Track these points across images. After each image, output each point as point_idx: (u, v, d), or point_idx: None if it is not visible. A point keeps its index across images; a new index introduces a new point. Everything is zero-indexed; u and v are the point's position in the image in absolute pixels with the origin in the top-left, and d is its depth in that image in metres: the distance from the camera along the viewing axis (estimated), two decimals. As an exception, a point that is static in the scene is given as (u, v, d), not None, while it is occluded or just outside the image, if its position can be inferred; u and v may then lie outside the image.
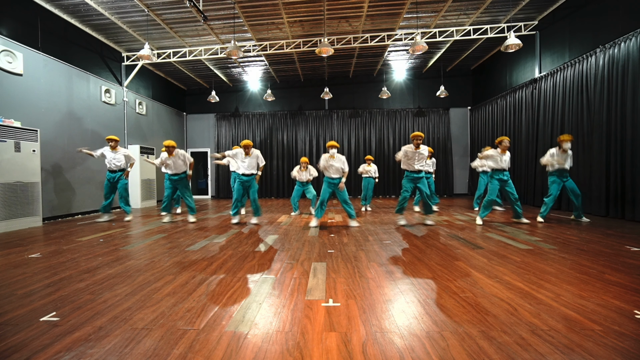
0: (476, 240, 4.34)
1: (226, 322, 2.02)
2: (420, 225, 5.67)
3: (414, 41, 6.66)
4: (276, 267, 3.21)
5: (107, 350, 1.72)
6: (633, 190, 5.58)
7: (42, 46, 6.64)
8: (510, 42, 6.64)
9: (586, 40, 6.72)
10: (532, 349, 1.68)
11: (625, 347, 1.69)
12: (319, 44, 6.85)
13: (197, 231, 5.32)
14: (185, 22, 7.81)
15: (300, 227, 5.60)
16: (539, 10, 7.74)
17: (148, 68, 10.46)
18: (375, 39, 8.65)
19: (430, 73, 11.84)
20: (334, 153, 5.55)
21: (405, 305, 2.26)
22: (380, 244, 4.24)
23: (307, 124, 12.45)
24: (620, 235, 4.50)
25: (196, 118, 12.98)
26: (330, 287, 2.64)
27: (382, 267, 3.19)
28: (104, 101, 8.42)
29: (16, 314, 2.17)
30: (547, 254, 3.55)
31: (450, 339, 1.79)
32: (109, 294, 2.53)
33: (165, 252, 3.86)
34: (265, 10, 7.26)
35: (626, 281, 2.66)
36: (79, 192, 7.47)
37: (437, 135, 12.01)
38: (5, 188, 5.43)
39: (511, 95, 9.28)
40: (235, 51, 6.59)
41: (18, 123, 5.83)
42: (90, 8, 6.92)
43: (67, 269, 3.22)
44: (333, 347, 1.73)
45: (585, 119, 6.64)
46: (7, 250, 4.03)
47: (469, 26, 8.35)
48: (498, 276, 2.84)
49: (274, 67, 11.01)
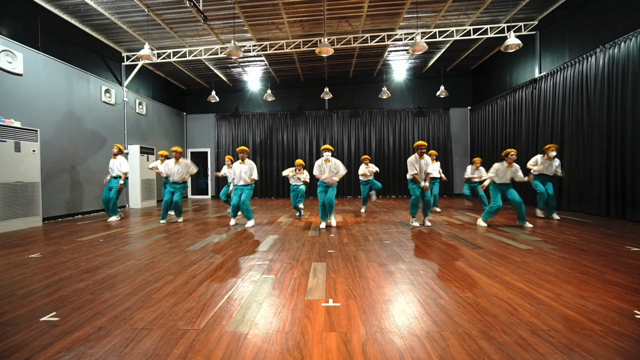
0: (476, 240, 4.33)
1: (226, 322, 2.02)
2: (420, 226, 5.67)
3: (414, 41, 6.66)
4: (276, 267, 3.21)
5: (107, 350, 1.72)
6: (633, 190, 5.58)
7: (42, 46, 6.64)
8: (510, 42, 6.64)
9: (586, 40, 6.72)
10: (532, 349, 1.68)
11: (625, 347, 1.69)
12: (319, 44, 6.85)
13: (197, 231, 5.32)
14: (185, 22, 7.81)
15: (300, 227, 5.60)
16: (539, 10, 7.74)
17: (148, 68, 10.46)
18: (375, 39, 8.65)
19: (430, 73, 11.84)
20: (328, 156, 5.57)
21: (405, 305, 2.26)
22: (380, 244, 4.24)
23: (307, 124, 12.45)
24: (620, 235, 4.50)
25: (196, 118, 12.98)
26: (330, 287, 2.64)
27: (382, 267, 3.19)
28: (104, 101, 8.42)
29: (16, 314, 2.17)
30: (547, 254, 3.55)
31: (450, 339, 1.79)
32: (109, 294, 2.53)
33: (165, 252, 3.86)
34: (265, 10, 7.26)
35: (626, 281, 2.66)
36: (79, 192, 7.47)
37: (437, 135, 12.01)
38: (5, 188, 5.43)
39: (511, 95, 9.28)
40: (235, 51, 6.59)
41: (18, 123, 5.83)
42: (90, 8, 6.92)
43: (67, 269, 3.22)
44: (333, 347, 1.73)
45: (585, 119, 6.64)
46: (7, 250, 4.03)
47: (469, 26, 8.35)
48: (498, 276, 2.84)
49: (274, 67, 11.01)
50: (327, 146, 5.66)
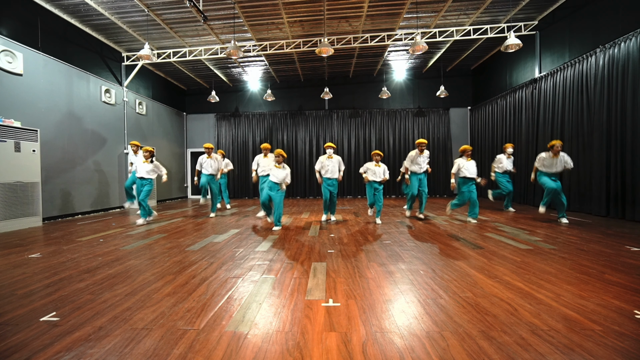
0: (476, 240, 4.33)
1: (226, 322, 2.02)
2: (417, 221, 5.67)
3: (414, 41, 6.66)
4: (276, 267, 3.21)
5: (107, 350, 1.72)
6: (633, 190, 5.58)
7: (42, 46, 6.64)
8: (510, 42, 6.64)
9: (586, 40, 6.72)
10: (532, 349, 1.68)
11: (625, 347, 1.69)
12: (319, 44, 6.85)
13: (197, 231, 5.32)
14: (185, 22, 7.81)
15: (300, 227, 5.60)
16: (539, 10, 7.74)
17: (148, 68, 10.46)
18: (375, 39, 8.65)
19: (430, 73, 11.84)
20: (331, 153, 6.02)
21: (405, 305, 2.26)
22: (380, 244, 4.24)
23: (307, 124, 12.45)
24: (620, 235, 4.50)
25: (196, 118, 12.98)
26: (330, 287, 2.64)
27: (382, 267, 3.19)
28: (104, 101, 8.42)
29: (16, 314, 2.17)
30: (547, 254, 3.55)
31: (450, 339, 1.79)
32: (109, 294, 2.53)
33: (165, 252, 3.86)
34: (265, 10, 7.26)
35: (626, 281, 2.66)
36: (79, 192, 7.47)
37: (437, 135, 12.01)
38: (5, 188, 5.43)
39: (511, 95, 9.28)
40: (235, 51, 6.59)
41: (18, 123, 5.83)
42: (90, 8, 6.92)
43: (67, 269, 3.22)
44: (333, 347, 1.73)
45: (585, 119, 6.64)
46: (7, 250, 4.03)
47: (469, 26, 8.35)
48: (498, 276, 2.84)
49: (274, 67, 11.01)
50: (330, 144, 6.15)
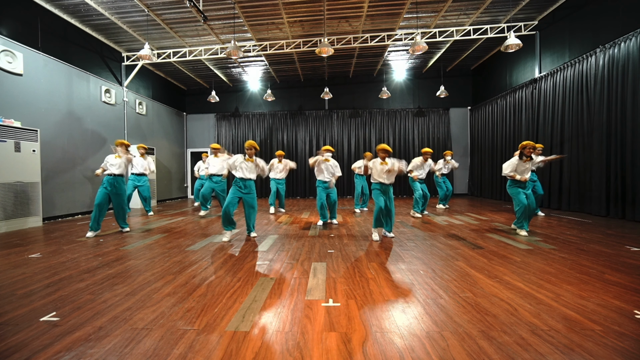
0: (476, 240, 4.33)
1: (226, 322, 2.02)
2: (417, 223, 5.67)
3: (414, 41, 6.65)
4: (276, 267, 3.21)
5: (107, 350, 1.72)
6: (633, 190, 5.58)
7: (42, 46, 6.64)
8: (510, 42, 6.64)
9: (586, 40, 6.72)
10: (532, 349, 1.68)
11: (625, 347, 1.69)
12: (319, 44, 6.85)
13: (197, 231, 5.32)
14: (185, 22, 7.80)
15: (300, 227, 5.60)
16: (539, 10, 7.74)
17: (148, 68, 10.45)
18: (375, 39, 8.64)
19: (430, 73, 11.83)
20: (328, 156, 5.85)
21: (405, 305, 2.26)
22: (380, 244, 4.24)
23: (307, 124, 12.45)
24: (620, 235, 4.50)
25: (196, 118, 12.98)
26: (330, 287, 2.64)
27: (382, 267, 3.19)
28: (104, 101, 8.41)
29: (16, 314, 2.17)
30: (547, 254, 3.55)
31: (450, 339, 1.79)
32: (109, 294, 2.53)
33: (165, 252, 3.86)
34: (265, 10, 7.26)
35: (626, 281, 2.66)
36: (79, 192, 7.47)
37: (437, 135, 12.01)
38: (5, 188, 5.43)
39: (511, 95, 9.28)
40: (235, 51, 6.59)
41: (18, 123, 5.83)
42: (90, 8, 6.92)
43: (67, 269, 3.21)
44: (333, 347, 1.73)
45: (585, 119, 6.64)
46: (7, 250, 4.03)
47: (469, 26, 8.35)
48: (498, 276, 2.84)
49: (274, 67, 11.00)
50: (328, 147, 5.91)
